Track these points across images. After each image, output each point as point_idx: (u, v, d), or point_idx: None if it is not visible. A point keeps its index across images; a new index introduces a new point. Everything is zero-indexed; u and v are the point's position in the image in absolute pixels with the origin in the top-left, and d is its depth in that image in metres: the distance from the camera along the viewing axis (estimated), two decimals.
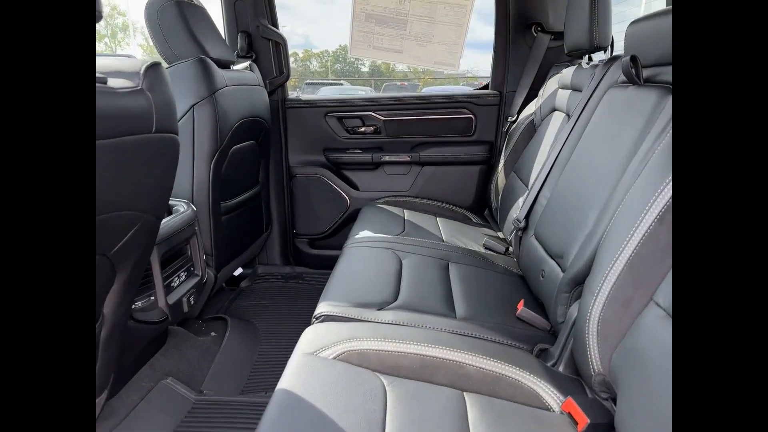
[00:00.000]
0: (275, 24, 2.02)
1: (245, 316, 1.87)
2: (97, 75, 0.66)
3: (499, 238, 1.74)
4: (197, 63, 1.44)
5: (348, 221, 2.20)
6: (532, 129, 1.83)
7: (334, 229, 2.24)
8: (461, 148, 2.13)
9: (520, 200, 1.60)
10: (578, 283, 0.97)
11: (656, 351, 0.68)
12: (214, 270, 1.58)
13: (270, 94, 2.01)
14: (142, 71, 0.71)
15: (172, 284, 1.26)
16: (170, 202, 1.39)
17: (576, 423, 0.79)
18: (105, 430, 1.16)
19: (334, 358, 0.88)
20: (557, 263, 1.11)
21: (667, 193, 0.75)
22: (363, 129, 2.15)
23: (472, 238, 1.67)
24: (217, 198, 1.56)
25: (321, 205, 2.22)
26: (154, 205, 0.80)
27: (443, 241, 1.59)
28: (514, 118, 2.00)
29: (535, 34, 1.94)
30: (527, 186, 1.59)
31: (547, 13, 1.91)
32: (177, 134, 0.81)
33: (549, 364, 0.97)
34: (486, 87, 2.16)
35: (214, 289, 1.64)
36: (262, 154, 1.96)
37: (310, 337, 0.94)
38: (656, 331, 0.70)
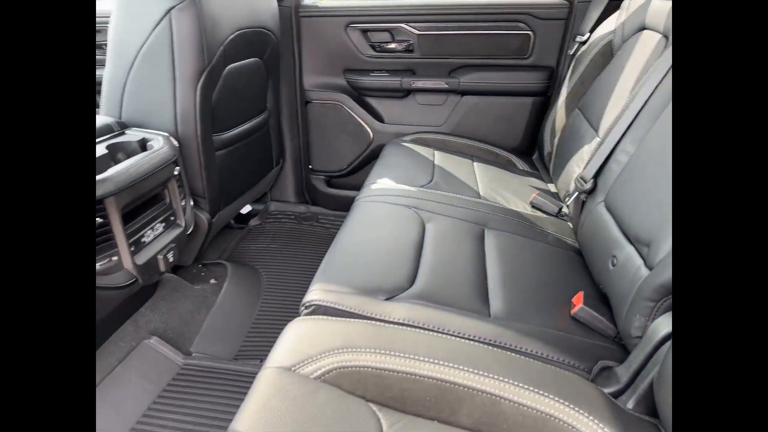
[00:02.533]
0: None
1: (250, 262, 1.68)
2: None
3: (550, 192, 1.41)
4: None
5: (370, 159, 1.90)
6: (609, 53, 1.41)
7: (354, 167, 1.95)
8: (512, 73, 1.73)
9: (586, 149, 1.25)
10: (672, 292, 0.68)
11: None
12: (208, 215, 1.36)
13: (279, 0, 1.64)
14: None
15: (142, 239, 1.03)
16: (145, 136, 1.13)
17: None
18: None
19: (319, 377, 0.64)
20: (638, 251, 0.80)
21: None
22: (392, 45, 1.76)
23: (516, 192, 1.36)
24: (208, 130, 1.28)
25: (339, 137, 1.91)
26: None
27: (479, 197, 1.28)
28: (585, 38, 1.57)
29: None
30: (596, 131, 1.23)
31: None
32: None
33: (612, 391, 0.71)
34: None
35: (210, 236, 1.42)
36: (269, 75, 1.63)
37: (292, 340, 0.70)
38: None
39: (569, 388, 0.68)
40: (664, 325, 0.68)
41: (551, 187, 1.47)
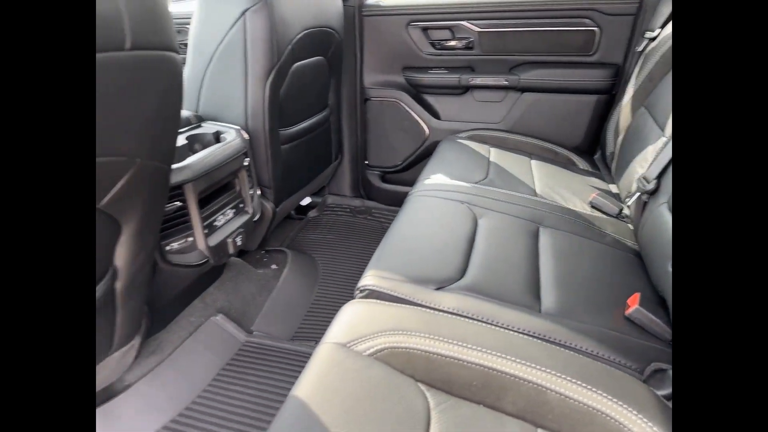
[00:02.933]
0: None
1: (308, 250, 1.76)
2: None
3: (611, 193, 1.37)
4: None
5: (425, 155, 1.93)
6: None
7: (409, 163, 1.98)
8: (576, 71, 1.68)
9: (650, 149, 1.20)
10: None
11: None
12: (273, 204, 1.45)
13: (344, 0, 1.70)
14: None
15: (215, 224, 1.13)
16: (219, 129, 1.23)
17: None
18: (151, 364, 1.14)
19: (372, 354, 0.69)
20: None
21: None
22: (452, 43, 1.77)
23: (575, 192, 1.33)
24: (275, 125, 1.37)
25: (395, 134, 1.96)
26: (148, 148, 0.62)
27: (536, 195, 1.27)
28: (655, 34, 1.50)
29: None
30: (662, 130, 1.18)
31: None
32: (175, 51, 0.59)
33: (664, 393, 0.70)
34: None
35: (273, 224, 1.52)
36: (332, 73, 1.70)
37: (347, 320, 0.75)
38: None
39: (619, 386, 0.67)
40: None
41: (613, 188, 1.42)
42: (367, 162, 2.05)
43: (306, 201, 2.03)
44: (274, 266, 1.62)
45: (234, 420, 1.06)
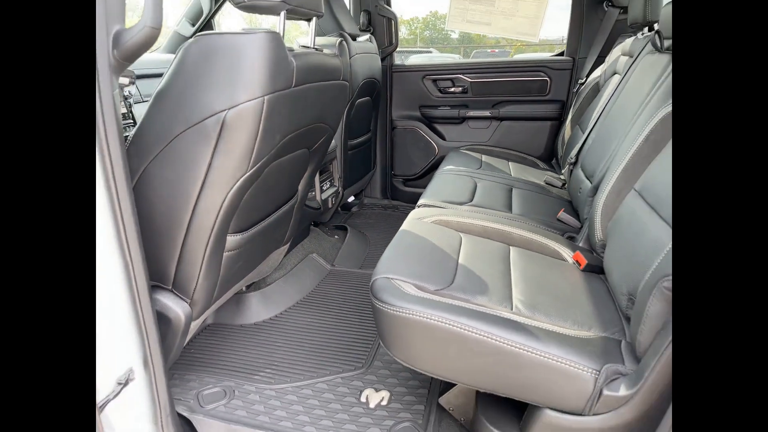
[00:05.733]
0: (389, 3, 2.55)
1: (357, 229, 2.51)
2: (315, 46, 1.24)
3: (560, 177, 2.17)
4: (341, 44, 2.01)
5: (436, 166, 2.73)
6: (597, 89, 2.20)
7: (424, 171, 2.79)
8: (536, 106, 2.54)
9: (577, 146, 2.02)
10: (597, 189, 1.43)
11: (629, 216, 1.15)
12: (342, 188, 2.22)
13: (381, 60, 2.57)
14: (337, 45, 1.29)
15: (323, 187, 1.90)
16: None
17: (580, 264, 1.28)
18: (278, 276, 1.84)
19: (432, 222, 1.44)
20: (589, 181, 1.56)
21: (653, 122, 1.19)
22: (452, 89, 2.64)
23: (536, 177, 2.13)
24: (347, 136, 2.17)
25: (415, 151, 2.77)
26: (334, 124, 1.39)
27: (512, 176, 2.07)
28: (583, 81, 2.37)
29: (606, 9, 2.27)
30: (584, 132, 2.00)
31: None
32: (348, 83, 1.38)
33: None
34: (561, 54, 2.53)
35: (340, 202, 2.28)
36: (374, 108, 2.54)
37: (415, 213, 1.50)
38: (631, 205, 1.16)
39: (549, 234, 1.42)
40: (593, 206, 1.42)
41: (561, 176, 2.22)
42: (393, 171, 2.85)
43: (350, 199, 2.80)
44: (336, 237, 2.36)
45: (324, 310, 1.76)
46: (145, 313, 0.90)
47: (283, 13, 1.05)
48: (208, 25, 2.28)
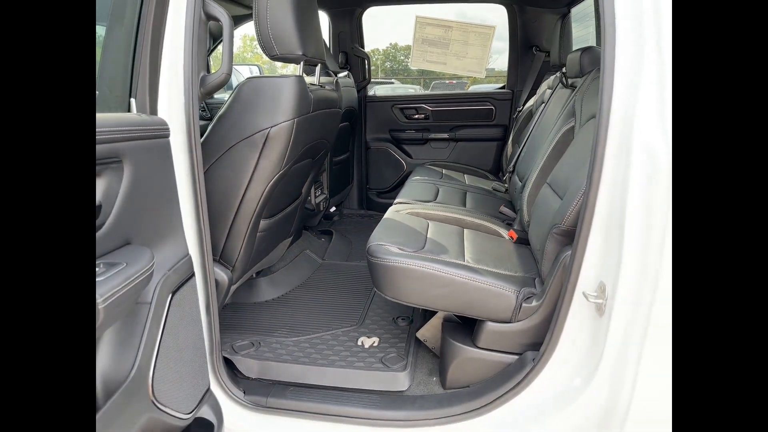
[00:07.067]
0: (362, 46, 3.08)
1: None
2: (320, 83, 1.72)
3: (504, 185, 2.71)
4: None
5: (404, 179, 3.22)
6: (530, 115, 2.78)
7: (395, 185, 3.28)
8: (485, 129, 3.11)
9: (514, 159, 2.57)
10: (524, 186, 1.96)
11: (542, 200, 1.66)
12: (329, 196, 2.67)
13: (357, 92, 3.08)
14: (334, 81, 1.76)
15: (316, 194, 2.34)
16: None
17: (513, 239, 1.78)
18: (281, 266, 2.25)
19: (406, 213, 1.91)
20: (520, 181, 2.09)
21: (559, 135, 1.72)
22: (417, 116, 3.17)
23: (486, 185, 2.66)
24: (332, 154, 2.64)
25: (386, 168, 3.27)
26: (331, 141, 1.86)
27: (466, 183, 2.59)
28: (520, 108, 2.96)
29: (535, 52, 2.89)
30: (519, 147, 2.56)
31: (541, 38, 2.85)
32: (341, 110, 1.85)
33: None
34: (503, 87, 3.12)
35: (328, 207, 2.71)
36: (351, 132, 3.02)
37: (393, 208, 1.98)
38: (544, 192, 1.68)
39: (493, 220, 1.93)
40: (521, 197, 1.94)
41: (505, 186, 2.77)
42: (368, 185, 3.33)
43: (332, 209, 3.24)
44: (322, 239, 2.79)
45: (322, 289, 2.18)
46: (209, 272, 1.30)
47: (302, 62, 1.52)
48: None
